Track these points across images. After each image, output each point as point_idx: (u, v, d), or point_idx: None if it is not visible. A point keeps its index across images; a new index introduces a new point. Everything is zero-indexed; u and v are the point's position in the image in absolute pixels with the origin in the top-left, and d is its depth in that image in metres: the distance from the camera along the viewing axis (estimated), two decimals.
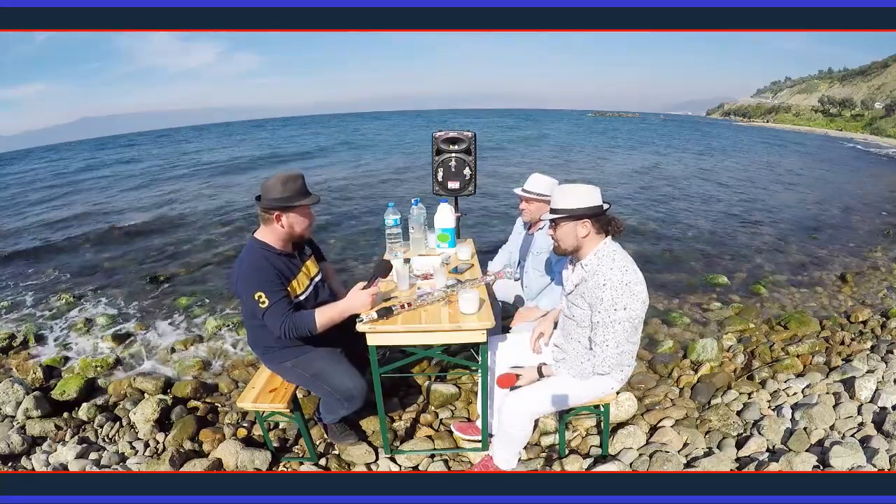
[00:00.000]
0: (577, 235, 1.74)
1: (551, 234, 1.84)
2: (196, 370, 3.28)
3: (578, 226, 1.73)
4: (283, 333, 1.82)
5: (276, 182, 1.84)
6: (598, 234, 1.76)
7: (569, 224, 1.74)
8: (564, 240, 1.78)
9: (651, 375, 3.13)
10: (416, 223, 2.62)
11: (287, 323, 1.82)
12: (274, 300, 1.81)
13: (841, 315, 4.00)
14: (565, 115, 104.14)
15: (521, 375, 1.92)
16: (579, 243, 1.76)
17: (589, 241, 1.76)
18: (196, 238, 7.01)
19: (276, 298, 1.81)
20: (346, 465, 2.27)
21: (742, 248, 6.16)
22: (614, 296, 1.66)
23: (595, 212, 1.72)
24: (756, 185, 11.87)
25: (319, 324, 1.87)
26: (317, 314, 1.88)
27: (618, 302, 1.66)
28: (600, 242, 1.76)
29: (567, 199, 1.74)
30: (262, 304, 1.80)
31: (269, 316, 1.81)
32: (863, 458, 2.00)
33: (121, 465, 2.33)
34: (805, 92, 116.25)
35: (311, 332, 1.86)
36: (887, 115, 56.26)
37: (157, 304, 4.57)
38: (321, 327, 1.87)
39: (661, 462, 2.13)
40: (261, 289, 1.79)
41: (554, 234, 1.81)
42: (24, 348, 3.76)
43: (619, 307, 1.66)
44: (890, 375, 2.70)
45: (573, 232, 1.74)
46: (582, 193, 1.73)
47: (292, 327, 1.83)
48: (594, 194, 1.74)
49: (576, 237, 1.75)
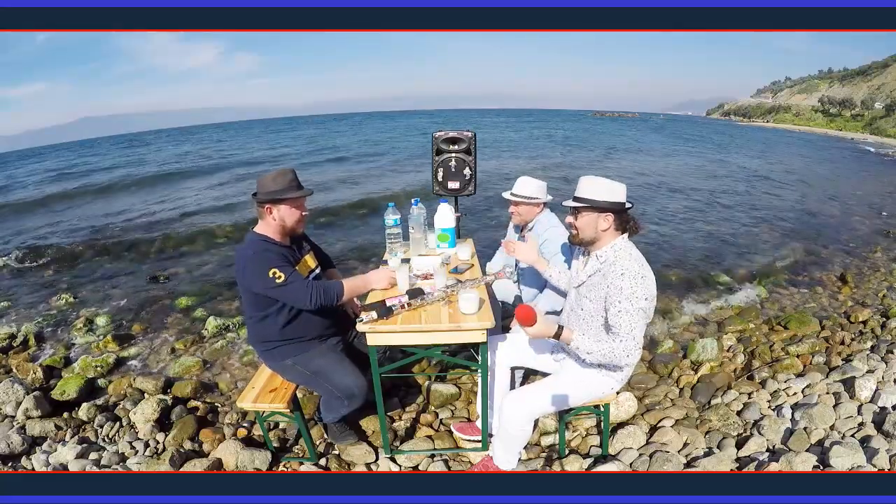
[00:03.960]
0: (598, 227, 1.74)
1: (571, 222, 1.82)
2: (196, 370, 3.27)
3: (601, 218, 1.73)
4: (311, 298, 1.87)
5: (269, 177, 1.93)
6: (617, 231, 1.76)
7: (591, 215, 1.74)
8: (584, 230, 1.77)
9: (651, 375, 3.13)
10: (416, 223, 2.62)
11: (316, 287, 1.89)
12: (289, 272, 1.87)
13: (841, 315, 4.00)
14: (566, 115, 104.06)
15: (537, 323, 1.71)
16: (598, 235, 1.76)
17: (607, 235, 1.76)
18: (196, 238, 7.01)
19: (290, 271, 1.88)
20: (346, 465, 2.27)
21: (742, 248, 6.16)
22: (633, 285, 1.65)
23: (619, 208, 1.72)
24: (756, 184, 11.87)
25: (347, 291, 1.99)
26: (344, 282, 2.00)
27: (636, 291, 1.65)
28: (618, 238, 1.76)
29: (594, 189, 1.74)
30: (279, 279, 1.83)
31: (292, 287, 1.86)
32: (863, 458, 2.00)
33: (121, 465, 2.33)
34: (805, 92, 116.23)
35: (339, 297, 1.96)
36: (887, 115, 56.25)
37: (157, 303, 4.57)
38: (347, 295, 2.00)
39: (661, 462, 2.13)
40: (273, 265, 1.84)
41: (574, 221, 1.80)
42: (24, 348, 3.75)
43: (639, 296, 1.65)
44: (890, 375, 2.70)
45: (594, 223, 1.74)
46: (609, 187, 1.73)
47: (321, 292, 1.90)
48: (620, 191, 1.74)
49: (596, 229, 1.75)
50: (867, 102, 71.92)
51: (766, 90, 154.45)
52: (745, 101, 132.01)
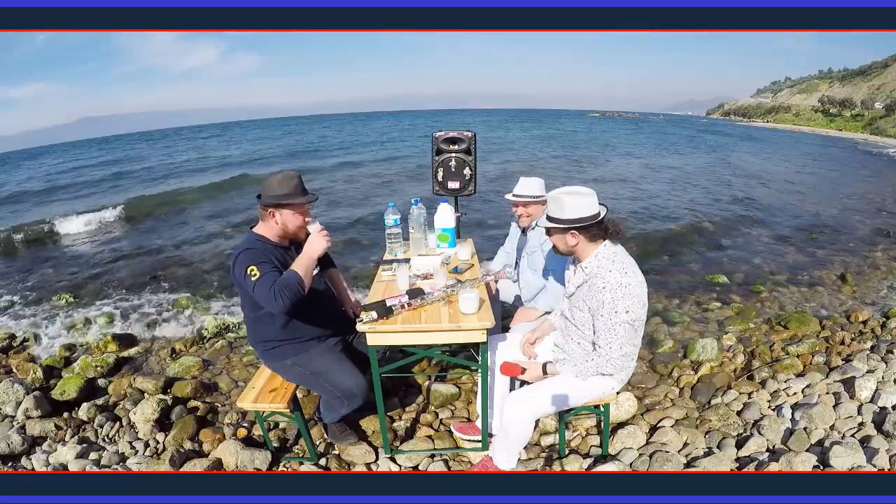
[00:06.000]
0: (567, 244, 1.79)
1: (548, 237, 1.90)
2: (196, 370, 3.27)
3: (567, 236, 1.77)
4: (275, 299, 1.73)
5: (274, 180, 1.90)
6: (593, 242, 1.78)
7: (558, 234, 1.80)
8: (557, 245, 1.85)
9: (651, 375, 3.13)
10: (416, 223, 2.62)
11: (276, 285, 1.75)
12: (264, 271, 1.78)
13: (841, 315, 4.00)
14: (566, 115, 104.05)
15: (525, 370, 1.93)
16: (571, 250, 1.82)
17: (583, 248, 1.79)
18: (196, 238, 7.02)
19: (266, 270, 1.79)
20: (346, 465, 2.27)
21: (742, 248, 6.16)
22: (614, 298, 1.68)
23: (584, 223, 1.73)
24: (756, 183, 11.86)
25: (301, 274, 1.80)
26: (294, 268, 1.82)
27: (618, 305, 1.68)
28: (599, 246, 1.78)
29: (557, 209, 1.78)
30: (253, 277, 1.77)
31: (259, 286, 1.76)
32: (863, 458, 2.00)
33: (121, 465, 2.33)
34: (805, 92, 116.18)
35: (300, 283, 1.79)
36: (887, 115, 56.22)
37: (157, 304, 4.57)
38: (305, 276, 1.81)
39: (661, 462, 2.13)
40: (252, 263, 1.79)
41: (549, 238, 1.88)
42: (24, 348, 3.76)
43: (619, 310, 1.68)
44: (890, 375, 2.70)
45: (563, 240, 1.80)
46: (572, 204, 1.75)
47: (282, 286, 1.75)
48: (587, 203, 1.75)
49: (566, 245, 1.80)
50: (867, 102, 71.91)
51: (766, 90, 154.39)
52: (746, 101, 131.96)
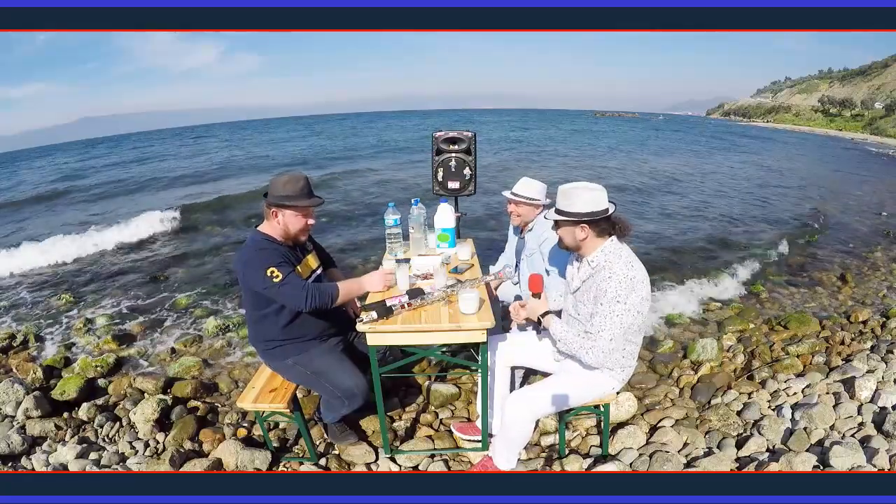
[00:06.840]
0: (576, 237, 1.79)
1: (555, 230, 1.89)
2: (196, 370, 3.27)
3: (577, 229, 1.77)
4: (305, 300, 1.85)
5: (281, 180, 1.92)
6: (601, 237, 1.78)
7: (567, 227, 1.79)
8: (564, 238, 1.84)
9: (651, 375, 3.13)
10: (416, 223, 2.62)
11: (312, 290, 1.87)
12: (287, 272, 1.85)
13: (841, 315, 4.00)
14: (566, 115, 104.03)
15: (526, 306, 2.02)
16: (578, 244, 1.81)
17: (591, 242, 1.79)
18: (196, 238, 7.01)
19: (288, 271, 1.86)
20: (346, 465, 2.27)
21: (742, 248, 6.15)
22: (618, 288, 1.68)
23: (593, 217, 1.73)
24: (756, 184, 11.87)
25: (341, 294, 1.97)
26: (339, 285, 1.98)
27: (620, 294, 1.68)
28: (606, 241, 1.78)
29: (567, 202, 1.77)
30: (276, 279, 1.82)
31: (289, 287, 1.84)
32: (863, 458, 2.00)
33: (121, 465, 2.33)
34: (805, 92, 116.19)
35: (334, 300, 1.94)
36: (887, 115, 56.22)
37: (156, 304, 4.57)
38: (342, 299, 1.98)
39: (661, 462, 2.13)
40: (271, 264, 1.83)
41: (556, 231, 1.87)
42: (24, 348, 3.75)
43: (620, 300, 1.68)
44: (890, 375, 2.70)
45: (571, 234, 1.79)
46: (583, 198, 1.75)
47: (316, 293, 1.88)
48: (597, 198, 1.76)
49: (574, 238, 1.80)
50: (867, 102, 71.89)
51: (766, 90, 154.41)
52: (746, 101, 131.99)
